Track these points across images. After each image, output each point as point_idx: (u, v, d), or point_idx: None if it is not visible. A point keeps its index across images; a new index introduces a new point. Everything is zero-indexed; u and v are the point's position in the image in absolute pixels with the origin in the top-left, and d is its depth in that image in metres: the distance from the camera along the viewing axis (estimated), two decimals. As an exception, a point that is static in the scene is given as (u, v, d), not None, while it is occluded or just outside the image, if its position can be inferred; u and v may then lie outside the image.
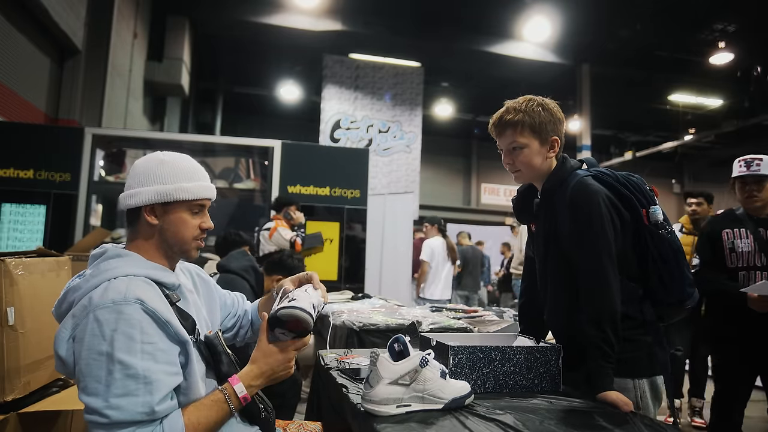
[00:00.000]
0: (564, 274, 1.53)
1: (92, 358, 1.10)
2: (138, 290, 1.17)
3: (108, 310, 1.12)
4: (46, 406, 2.01)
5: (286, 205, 4.62)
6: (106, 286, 1.16)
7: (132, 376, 1.09)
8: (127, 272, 1.20)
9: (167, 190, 1.27)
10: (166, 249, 1.31)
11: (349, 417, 1.31)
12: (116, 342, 1.10)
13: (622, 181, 1.54)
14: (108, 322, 1.11)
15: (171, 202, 1.28)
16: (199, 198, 1.32)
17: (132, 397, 1.09)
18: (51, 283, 2.21)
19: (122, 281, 1.17)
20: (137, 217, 1.30)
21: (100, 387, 1.08)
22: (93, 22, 7.70)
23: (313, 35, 11.64)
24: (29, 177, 4.90)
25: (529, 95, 1.59)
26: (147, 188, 1.27)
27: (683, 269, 1.52)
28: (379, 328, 2.31)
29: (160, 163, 1.31)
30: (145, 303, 1.15)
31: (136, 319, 1.13)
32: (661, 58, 13.02)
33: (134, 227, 1.31)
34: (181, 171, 1.31)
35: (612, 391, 1.33)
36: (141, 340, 1.12)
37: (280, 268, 2.88)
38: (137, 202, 1.27)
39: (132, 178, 1.30)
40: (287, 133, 10.65)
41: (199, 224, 1.33)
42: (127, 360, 1.09)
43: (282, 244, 4.38)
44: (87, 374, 1.10)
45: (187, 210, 1.31)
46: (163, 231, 1.29)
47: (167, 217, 1.29)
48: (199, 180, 1.33)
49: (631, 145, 18.11)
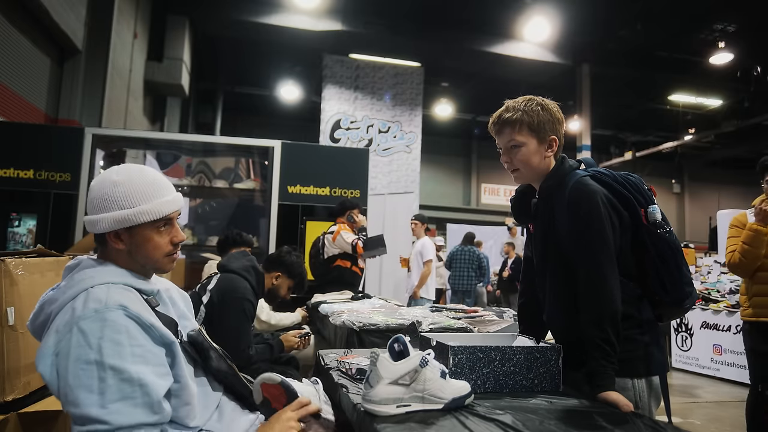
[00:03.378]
0: (563, 274, 1.53)
1: (80, 368, 1.06)
2: (118, 296, 1.15)
3: (91, 320, 1.10)
4: (46, 406, 2.01)
5: (350, 208, 4.61)
6: (86, 296, 1.14)
7: (126, 380, 1.08)
8: (105, 280, 1.18)
9: (126, 215, 1.21)
10: (139, 267, 1.28)
11: (349, 417, 1.31)
12: (104, 349, 1.07)
13: (620, 180, 1.54)
14: (93, 331, 1.09)
15: (133, 226, 1.23)
16: (163, 216, 1.26)
17: (130, 400, 1.07)
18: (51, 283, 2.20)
19: (101, 289, 1.15)
20: (104, 241, 1.26)
21: (93, 396, 1.05)
22: (93, 22, 7.71)
23: (313, 35, 11.64)
24: (29, 177, 4.90)
25: (530, 95, 1.60)
26: (106, 215, 1.21)
27: (682, 268, 1.52)
28: (379, 328, 2.31)
29: (114, 185, 1.23)
30: (128, 308, 1.13)
31: (121, 324, 1.11)
32: (661, 58, 13.03)
33: (103, 249, 1.28)
34: (139, 192, 1.23)
35: (613, 391, 1.33)
36: (129, 344, 1.10)
37: (278, 265, 2.88)
38: (99, 230, 1.23)
39: (90, 204, 1.24)
40: (287, 133, 10.68)
41: (169, 240, 1.28)
42: (118, 365, 1.07)
43: (345, 248, 4.38)
44: (76, 386, 1.06)
45: (153, 229, 1.25)
46: (132, 253, 1.25)
47: (133, 239, 1.24)
48: (160, 197, 1.26)
49: (631, 145, 18.13)
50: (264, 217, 5.27)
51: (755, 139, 16.65)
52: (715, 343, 5.98)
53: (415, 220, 6.48)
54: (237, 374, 1.37)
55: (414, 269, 6.36)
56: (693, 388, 5.50)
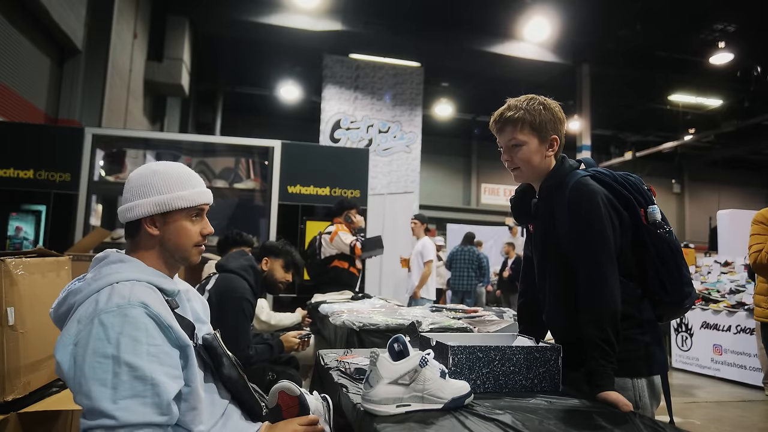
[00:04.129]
0: (563, 274, 1.53)
1: (97, 361, 1.09)
2: (141, 294, 1.17)
3: (113, 314, 1.12)
4: (46, 406, 2.01)
5: (347, 208, 4.59)
6: (110, 291, 1.17)
7: (139, 377, 1.09)
8: (130, 277, 1.21)
9: (165, 200, 1.28)
10: (167, 257, 1.32)
11: (349, 417, 1.31)
12: (122, 345, 1.10)
13: (620, 180, 1.54)
14: (113, 326, 1.11)
15: (170, 211, 1.29)
16: (197, 204, 1.33)
17: (141, 398, 1.08)
18: (51, 283, 2.21)
19: (125, 285, 1.18)
20: (137, 229, 1.31)
21: (105, 390, 1.07)
22: (93, 22, 7.71)
23: (313, 35, 11.65)
24: (29, 177, 4.90)
25: (532, 94, 1.59)
26: (145, 200, 1.28)
27: (681, 269, 1.52)
28: (379, 328, 2.31)
29: (154, 173, 1.31)
30: (149, 307, 1.16)
31: (141, 322, 1.13)
32: (661, 58, 13.03)
33: (134, 238, 1.32)
34: (176, 179, 1.31)
35: (612, 391, 1.33)
36: (147, 342, 1.12)
37: (263, 253, 2.95)
38: (136, 215, 1.28)
39: (128, 192, 1.30)
40: (287, 133, 10.67)
41: (199, 230, 1.35)
42: (134, 362, 1.09)
43: (343, 249, 4.37)
44: (91, 377, 1.08)
45: (187, 217, 1.32)
46: (164, 241, 1.31)
47: (167, 226, 1.30)
48: (194, 187, 1.34)
49: (631, 145, 18.14)
50: (264, 217, 5.27)
51: (755, 139, 16.65)
52: (716, 343, 5.98)
53: (415, 220, 6.47)
54: (247, 384, 1.37)
55: (414, 269, 6.36)
56: (693, 388, 5.50)
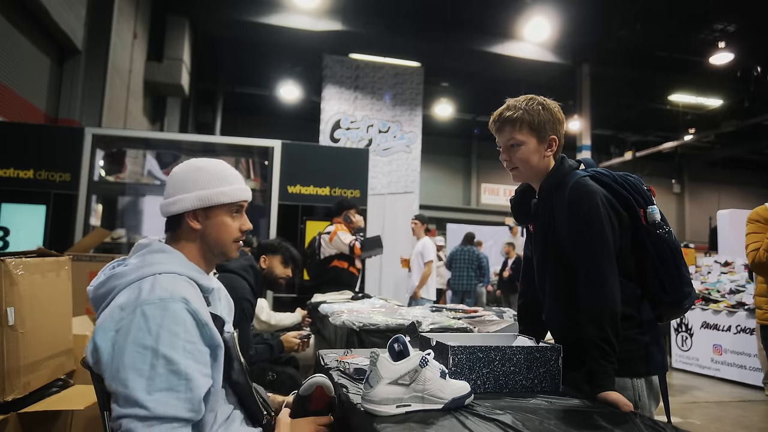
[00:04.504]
0: (563, 274, 1.54)
1: (137, 351, 1.11)
2: (183, 290, 1.20)
3: (155, 306, 1.14)
4: (46, 406, 2.01)
5: (347, 208, 4.58)
6: (153, 281, 1.19)
7: (175, 372, 1.11)
8: (172, 269, 1.24)
9: (208, 195, 1.32)
10: (207, 252, 1.35)
11: (349, 417, 1.31)
12: (162, 337, 1.12)
13: (619, 181, 1.55)
14: (154, 318, 1.13)
15: (212, 206, 1.33)
16: (238, 200, 1.36)
17: (174, 393, 1.10)
18: (51, 283, 2.21)
19: (168, 279, 1.21)
20: (179, 223, 1.34)
21: (141, 380, 1.09)
22: (93, 22, 7.70)
23: (313, 35, 11.64)
24: (29, 177, 4.90)
25: (531, 95, 1.60)
26: (188, 195, 1.31)
27: (681, 269, 1.52)
28: (379, 328, 2.31)
29: (197, 169, 1.35)
30: (189, 303, 1.18)
31: (180, 317, 1.16)
32: (661, 58, 13.03)
33: (175, 232, 1.35)
34: (219, 176, 1.35)
35: (612, 390, 1.33)
36: (184, 338, 1.15)
37: (260, 251, 2.97)
38: (180, 209, 1.31)
39: (172, 186, 1.34)
40: (287, 133, 10.65)
41: (238, 226, 1.38)
42: (171, 355, 1.11)
43: (342, 249, 4.37)
44: (129, 366, 1.10)
45: (228, 213, 1.35)
46: (205, 235, 1.34)
47: (209, 221, 1.33)
48: (236, 183, 1.37)
49: (631, 145, 18.13)
50: (264, 217, 5.27)
51: (755, 139, 16.65)
52: (715, 343, 5.98)
53: (416, 221, 6.48)
54: (252, 392, 1.38)
55: (415, 269, 6.36)
56: (693, 388, 5.50)
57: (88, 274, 4.14)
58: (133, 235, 5.43)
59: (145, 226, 5.86)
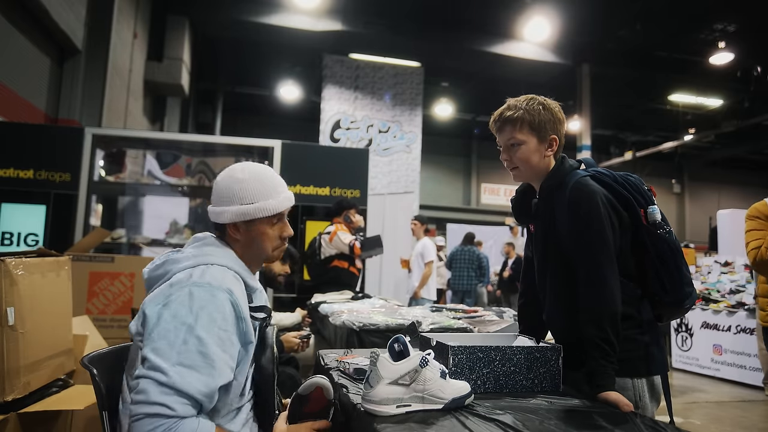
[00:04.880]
0: (563, 275, 1.53)
1: (174, 325, 1.17)
2: (230, 282, 1.27)
3: (203, 289, 1.22)
4: (46, 406, 2.01)
5: (346, 208, 4.58)
6: (204, 269, 1.27)
7: (203, 353, 1.16)
8: (223, 263, 1.32)
9: (247, 210, 1.37)
10: (250, 256, 1.42)
11: (349, 417, 1.31)
12: (200, 318, 1.18)
13: (620, 181, 1.54)
14: (199, 299, 1.20)
15: (251, 220, 1.38)
16: (277, 213, 1.41)
17: (195, 372, 1.14)
18: (51, 283, 2.21)
19: (218, 270, 1.29)
20: (223, 230, 1.41)
21: (171, 352, 1.14)
22: (93, 22, 7.70)
23: (313, 35, 11.64)
24: (29, 177, 4.90)
25: (532, 94, 1.60)
26: (229, 208, 1.37)
27: (681, 269, 1.52)
28: (379, 328, 2.31)
29: (237, 182, 1.39)
30: (233, 294, 1.25)
31: (223, 305, 1.22)
32: (661, 58, 13.02)
33: (221, 235, 1.42)
34: (259, 189, 1.39)
35: (613, 391, 1.33)
36: (221, 326, 1.21)
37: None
38: (223, 220, 1.39)
39: (216, 196, 1.41)
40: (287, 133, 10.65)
41: (278, 234, 1.43)
42: (204, 337, 1.17)
43: (342, 249, 4.36)
44: (164, 336, 1.16)
45: (268, 224, 1.40)
46: (246, 244, 1.40)
47: (249, 233, 1.39)
48: (276, 196, 1.41)
49: (631, 145, 18.12)
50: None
51: (755, 139, 16.65)
52: (716, 343, 5.98)
53: (416, 221, 6.48)
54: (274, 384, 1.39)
55: (415, 270, 6.37)
56: (693, 388, 5.50)
57: (88, 274, 4.14)
58: (133, 235, 5.43)
59: (145, 226, 5.86)
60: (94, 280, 4.15)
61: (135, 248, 5.34)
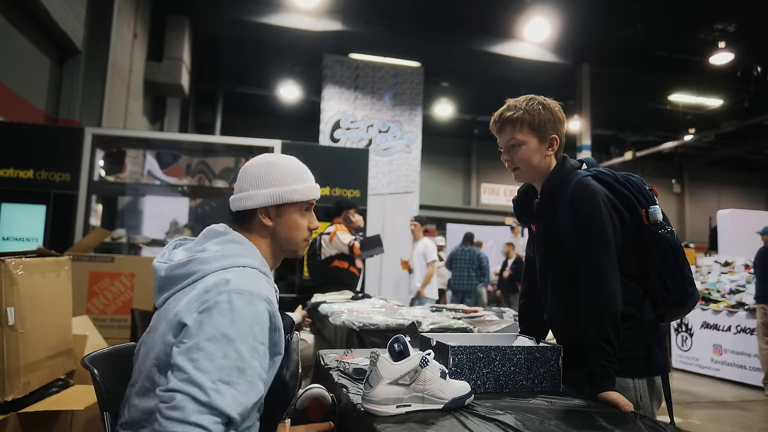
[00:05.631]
0: (565, 274, 1.53)
1: (215, 336, 1.10)
2: (266, 288, 1.20)
3: (243, 299, 1.14)
4: (46, 406, 2.01)
5: (346, 208, 4.57)
6: (241, 273, 1.19)
7: (241, 369, 1.10)
8: (255, 264, 1.24)
9: (281, 192, 1.31)
10: (276, 248, 1.35)
11: (349, 417, 1.31)
12: (242, 331, 1.11)
13: (621, 181, 1.54)
14: (240, 309, 1.12)
15: (284, 204, 1.32)
16: (310, 198, 1.36)
17: (233, 389, 1.08)
18: (51, 283, 2.21)
19: (252, 273, 1.21)
20: (250, 218, 1.33)
21: (212, 366, 1.07)
22: (93, 22, 7.69)
23: (313, 35, 11.64)
24: (29, 177, 4.90)
25: (531, 95, 1.60)
26: (262, 191, 1.31)
27: (683, 268, 1.52)
28: (379, 328, 2.31)
29: (270, 165, 1.34)
30: (272, 304, 1.18)
31: (263, 317, 1.15)
32: (661, 58, 13.02)
33: (245, 226, 1.34)
34: (292, 173, 1.35)
35: (613, 391, 1.33)
36: (260, 339, 1.14)
37: None
38: (253, 204, 1.31)
39: (244, 181, 1.34)
40: (287, 133, 10.65)
41: (307, 225, 1.37)
42: (243, 351, 1.10)
43: (342, 249, 4.36)
44: (204, 349, 1.09)
45: (299, 211, 1.35)
46: (275, 232, 1.33)
47: (280, 219, 1.33)
48: (308, 181, 1.37)
49: (631, 145, 18.12)
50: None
51: (755, 139, 16.65)
52: (716, 343, 5.98)
53: (415, 222, 6.48)
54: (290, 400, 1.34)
55: (417, 270, 6.37)
56: (693, 388, 5.50)
57: (88, 274, 4.14)
58: (133, 235, 5.43)
59: (145, 226, 5.86)
60: (94, 280, 4.15)
61: (135, 248, 5.34)
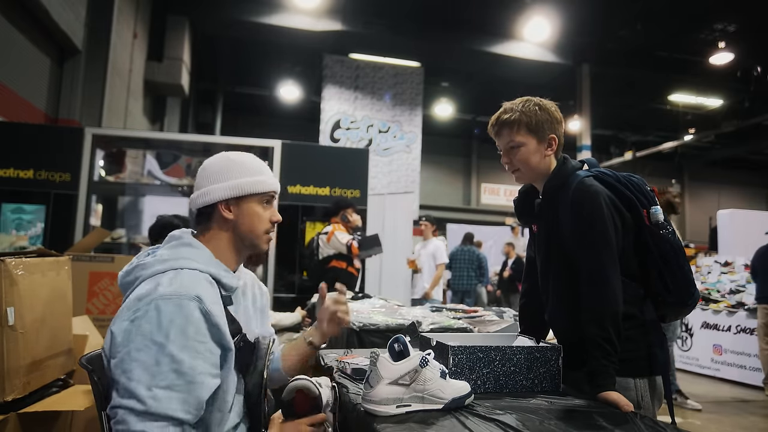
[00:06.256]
0: (566, 274, 1.54)
1: (145, 344, 1.11)
2: (200, 288, 1.20)
3: (170, 302, 1.14)
4: (46, 406, 2.00)
5: (344, 208, 4.57)
6: (173, 276, 1.20)
7: (178, 371, 1.11)
8: (194, 266, 1.24)
9: (240, 184, 1.34)
10: (238, 243, 1.36)
11: (349, 417, 1.31)
12: (171, 335, 1.12)
13: (623, 181, 1.55)
14: (167, 314, 1.13)
15: (244, 195, 1.34)
16: (269, 190, 1.39)
17: (172, 392, 1.10)
18: (51, 283, 2.21)
19: (188, 275, 1.21)
20: (210, 214, 1.35)
21: (145, 375, 1.09)
22: (93, 22, 7.69)
23: (313, 35, 11.64)
24: (29, 177, 4.90)
25: (527, 96, 1.61)
26: (220, 185, 1.33)
27: (684, 269, 1.52)
28: (379, 328, 2.30)
29: (229, 160, 1.38)
30: (203, 302, 1.17)
31: (193, 315, 1.15)
32: (661, 58, 13.03)
33: (206, 225, 1.36)
34: (250, 166, 1.38)
35: (613, 390, 1.33)
36: (194, 338, 1.14)
37: None
38: (212, 199, 1.33)
39: (203, 179, 1.36)
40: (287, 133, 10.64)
41: (269, 217, 1.39)
42: (177, 355, 1.11)
43: (339, 248, 4.35)
44: (135, 359, 1.10)
45: (259, 203, 1.37)
46: (237, 225, 1.35)
47: (241, 211, 1.35)
48: (266, 174, 1.40)
49: (631, 145, 18.11)
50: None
51: (755, 139, 16.64)
52: (716, 343, 5.98)
53: (426, 222, 6.47)
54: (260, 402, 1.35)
55: (426, 271, 6.36)
56: (693, 388, 5.49)
57: (88, 274, 4.14)
58: (133, 235, 5.43)
59: (145, 226, 5.85)
60: (94, 280, 4.14)
61: (135, 248, 5.33)
